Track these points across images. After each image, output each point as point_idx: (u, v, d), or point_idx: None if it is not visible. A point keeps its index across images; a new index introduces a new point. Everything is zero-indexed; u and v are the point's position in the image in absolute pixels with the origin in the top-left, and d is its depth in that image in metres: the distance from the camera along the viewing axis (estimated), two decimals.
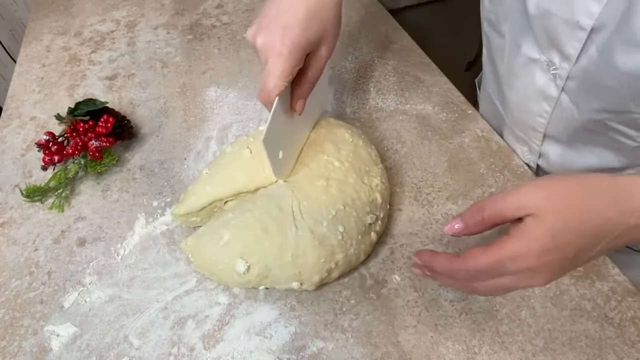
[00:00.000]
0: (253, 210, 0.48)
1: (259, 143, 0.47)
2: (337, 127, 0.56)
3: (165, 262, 0.54)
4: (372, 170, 0.53)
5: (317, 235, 0.46)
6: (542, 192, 0.34)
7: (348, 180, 0.50)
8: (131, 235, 0.56)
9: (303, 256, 0.46)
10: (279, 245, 0.46)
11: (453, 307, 0.48)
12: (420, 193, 0.59)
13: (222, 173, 0.53)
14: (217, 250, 0.48)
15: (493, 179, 0.60)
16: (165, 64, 0.81)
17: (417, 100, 0.71)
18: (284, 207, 0.48)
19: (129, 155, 0.66)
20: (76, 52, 0.85)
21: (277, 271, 0.47)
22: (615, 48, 0.42)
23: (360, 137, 0.56)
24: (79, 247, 0.56)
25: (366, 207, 0.49)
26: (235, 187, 0.51)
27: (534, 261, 0.34)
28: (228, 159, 0.54)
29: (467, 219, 0.37)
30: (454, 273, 0.38)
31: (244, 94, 0.74)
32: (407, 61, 0.78)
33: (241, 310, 0.49)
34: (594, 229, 0.34)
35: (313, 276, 0.47)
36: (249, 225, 0.47)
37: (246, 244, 0.47)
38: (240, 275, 0.47)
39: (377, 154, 0.56)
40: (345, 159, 0.52)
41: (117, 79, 0.79)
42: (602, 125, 0.50)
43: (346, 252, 0.48)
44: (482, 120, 0.67)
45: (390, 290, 0.50)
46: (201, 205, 0.52)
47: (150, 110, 0.73)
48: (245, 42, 0.85)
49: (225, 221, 0.49)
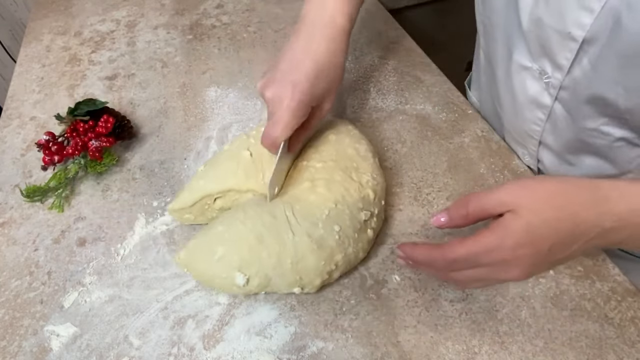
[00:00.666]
0: (245, 222, 0.47)
1: (260, 146, 0.49)
2: (322, 130, 0.56)
3: (165, 262, 0.54)
4: (361, 167, 0.52)
5: (314, 239, 0.46)
6: (523, 191, 0.36)
7: (335, 178, 0.50)
8: (131, 235, 0.56)
9: (303, 261, 0.46)
10: (277, 254, 0.46)
11: (453, 307, 0.48)
12: (420, 193, 0.59)
13: (216, 169, 0.53)
14: (213, 265, 0.47)
15: (493, 179, 0.60)
16: (165, 64, 0.81)
17: (417, 100, 0.71)
18: (277, 214, 0.47)
19: (129, 155, 0.66)
20: (76, 52, 0.85)
21: (277, 280, 0.46)
22: (608, 60, 0.42)
23: (348, 134, 0.56)
24: (79, 247, 0.56)
25: (358, 204, 0.49)
26: (225, 184, 0.51)
27: (507, 253, 0.35)
28: (226, 156, 0.54)
29: (452, 213, 0.39)
30: (433, 262, 0.40)
31: (244, 94, 0.74)
32: (407, 61, 0.78)
33: (241, 310, 0.49)
34: (570, 227, 0.35)
35: (314, 280, 0.47)
36: (242, 238, 0.46)
37: (242, 257, 0.46)
38: (240, 287, 0.46)
39: (368, 150, 0.55)
40: (328, 159, 0.52)
41: (117, 79, 0.79)
42: (596, 133, 0.49)
43: (345, 252, 0.48)
44: (482, 120, 0.67)
45: (390, 290, 0.50)
46: (193, 200, 0.52)
47: (150, 110, 0.73)
48: (245, 42, 0.85)
49: (216, 235, 0.48)
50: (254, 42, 0.84)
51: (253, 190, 0.51)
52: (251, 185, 0.51)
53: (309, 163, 0.52)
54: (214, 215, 0.54)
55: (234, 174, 0.51)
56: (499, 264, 0.36)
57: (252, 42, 0.84)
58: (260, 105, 0.72)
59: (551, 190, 0.36)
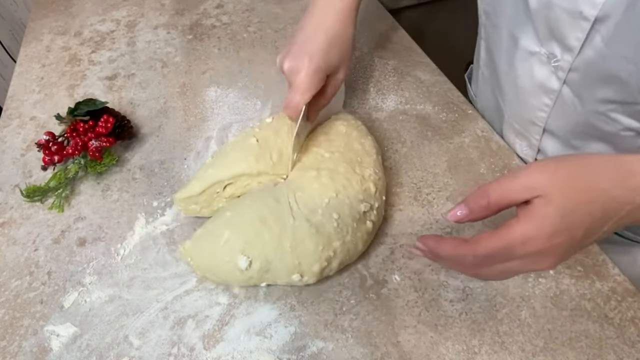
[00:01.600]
0: (252, 205, 0.49)
1: (266, 132, 0.55)
2: (334, 120, 0.59)
3: (165, 262, 0.54)
4: (365, 161, 0.54)
5: (313, 224, 0.47)
6: (547, 173, 0.34)
7: (339, 170, 0.51)
8: (131, 235, 0.57)
9: (302, 245, 0.47)
10: (278, 236, 0.47)
11: (453, 307, 0.49)
12: (420, 193, 0.59)
13: (225, 157, 0.54)
14: (218, 249, 0.48)
15: (493, 178, 0.60)
16: (165, 64, 0.81)
17: (417, 100, 0.71)
18: (280, 198, 0.49)
19: (129, 155, 0.66)
20: (76, 52, 0.85)
21: (277, 263, 0.47)
22: (622, 38, 0.41)
23: (356, 129, 0.58)
24: (79, 247, 0.56)
25: (359, 195, 0.50)
26: (237, 169, 0.52)
27: (544, 243, 0.33)
28: (232, 147, 0.55)
29: (471, 204, 0.37)
30: (461, 258, 0.37)
31: (244, 94, 0.74)
32: (407, 61, 0.78)
33: (241, 310, 0.49)
34: (602, 208, 0.33)
35: (313, 265, 0.47)
36: (248, 220, 0.48)
37: (247, 239, 0.47)
38: (242, 272, 0.47)
39: (372, 145, 0.57)
40: (335, 150, 0.54)
41: (117, 79, 0.79)
42: (604, 118, 0.49)
43: (343, 240, 0.48)
44: (482, 120, 0.67)
45: (390, 290, 0.50)
46: (202, 188, 0.53)
47: (150, 110, 0.73)
48: (245, 42, 0.85)
49: (224, 220, 0.49)
50: (254, 42, 0.84)
51: (264, 172, 0.53)
52: (262, 168, 0.52)
53: (319, 149, 0.54)
54: (220, 205, 0.55)
55: (244, 159, 0.53)
56: (533, 254, 0.34)
57: (252, 42, 0.84)
58: (260, 105, 0.72)
59: (576, 169, 0.34)
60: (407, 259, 0.52)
